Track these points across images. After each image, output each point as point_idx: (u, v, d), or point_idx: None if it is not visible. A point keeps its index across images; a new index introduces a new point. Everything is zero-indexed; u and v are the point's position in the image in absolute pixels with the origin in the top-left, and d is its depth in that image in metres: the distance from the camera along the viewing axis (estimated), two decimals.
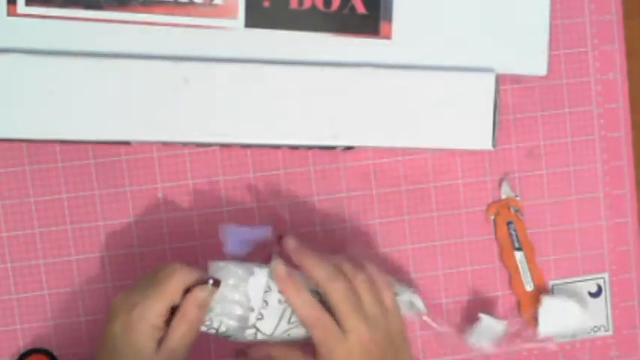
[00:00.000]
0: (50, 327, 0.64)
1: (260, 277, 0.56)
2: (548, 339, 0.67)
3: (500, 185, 0.67)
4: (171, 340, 0.53)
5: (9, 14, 0.54)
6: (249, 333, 0.56)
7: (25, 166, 0.63)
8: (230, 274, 0.55)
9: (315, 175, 0.66)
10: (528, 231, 0.67)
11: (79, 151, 0.64)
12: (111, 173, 0.64)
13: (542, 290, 0.67)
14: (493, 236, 0.68)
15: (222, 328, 0.55)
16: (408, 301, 0.62)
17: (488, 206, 0.67)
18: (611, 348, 0.70)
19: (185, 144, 0.62)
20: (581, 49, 0.68)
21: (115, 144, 0.62)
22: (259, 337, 0.56)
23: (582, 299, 0.68)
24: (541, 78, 0.60)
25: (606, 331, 0.70)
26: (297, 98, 0.56)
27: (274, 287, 0.56)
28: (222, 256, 0.60)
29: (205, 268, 0.56)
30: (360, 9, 0.56)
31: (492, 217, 0.67)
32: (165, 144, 0.63)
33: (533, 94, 0.67)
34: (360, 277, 0.57)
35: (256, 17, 0.56)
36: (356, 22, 0.56)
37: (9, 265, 0.64)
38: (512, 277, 0.67)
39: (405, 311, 0.61)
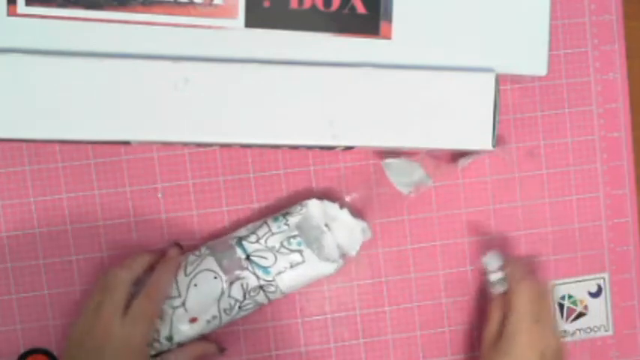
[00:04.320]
0: (50, 327, 0.64)
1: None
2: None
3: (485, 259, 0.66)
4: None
5: (9, 14, 0.54)
6: None
7: (25, 166, 0.63)
8: None
9: (315, 175, 0.66)
10: (528, 231, 0.67)
11: (79, 151, 0.64)
12: (111, 173, 0.64)
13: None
14: (493, 236, 0.68)
15: None
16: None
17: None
18: (611, 348, 0.70)
19: (185, 144, 0.62)
20: (581, 49, 0.68)
21: (115, 144, 0.62)
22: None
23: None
24: (541, 78, 0.60)
25: (606, 331, 0.70)
26: (297, 98, 0.55)
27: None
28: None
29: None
30: (360, 9, 0.56)
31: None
32: (165, 144, 0.63)
33: (533, 94, 0.67)
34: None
35: (256, 17, 0.56)
36: (356, 22, 0.56)
37: (9, 265, 0.64)
38: None
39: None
